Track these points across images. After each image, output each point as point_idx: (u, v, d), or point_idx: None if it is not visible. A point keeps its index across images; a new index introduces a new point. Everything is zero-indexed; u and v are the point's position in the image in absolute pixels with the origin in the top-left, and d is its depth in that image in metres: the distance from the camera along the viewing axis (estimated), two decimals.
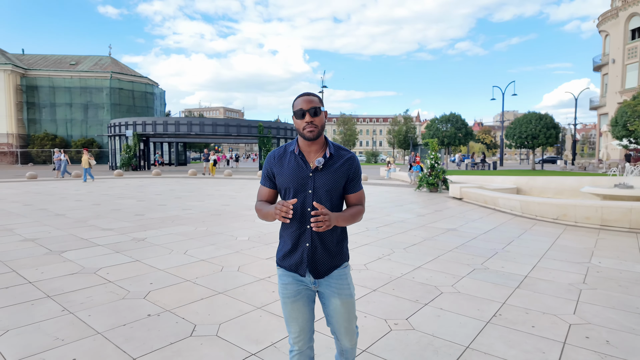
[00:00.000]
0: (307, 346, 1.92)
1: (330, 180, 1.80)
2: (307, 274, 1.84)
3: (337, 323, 1.91)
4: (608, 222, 7.81)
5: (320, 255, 1.82)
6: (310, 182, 1.79)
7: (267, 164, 1.89)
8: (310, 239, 1.81)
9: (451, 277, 4.56)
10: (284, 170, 1.82)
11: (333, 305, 1.87)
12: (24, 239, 6.13)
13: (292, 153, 1.84)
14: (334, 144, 1.86)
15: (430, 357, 2.76)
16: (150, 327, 3.15)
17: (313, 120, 1.74)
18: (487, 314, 3.50)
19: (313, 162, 1.80)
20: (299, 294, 1.86)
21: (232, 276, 4.46)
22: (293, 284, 1.86)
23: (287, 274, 1.87)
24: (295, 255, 1.84)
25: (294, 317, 1.87)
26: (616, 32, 36.87)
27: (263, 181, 1.91)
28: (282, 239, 1.90)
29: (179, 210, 9.31)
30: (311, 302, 1.91)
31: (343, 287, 1.87)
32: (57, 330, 3.05)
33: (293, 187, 1.80)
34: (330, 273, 1.86)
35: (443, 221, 8.30)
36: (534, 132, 33.69)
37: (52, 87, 42.67)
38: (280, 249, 1.90)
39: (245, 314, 3.43)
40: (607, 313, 3.56)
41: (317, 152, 1.82)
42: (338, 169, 1.81)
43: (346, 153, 1.86)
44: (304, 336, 1.89)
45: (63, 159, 20.12)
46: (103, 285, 4.08)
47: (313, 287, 1.88)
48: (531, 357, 2.77)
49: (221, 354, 2.74)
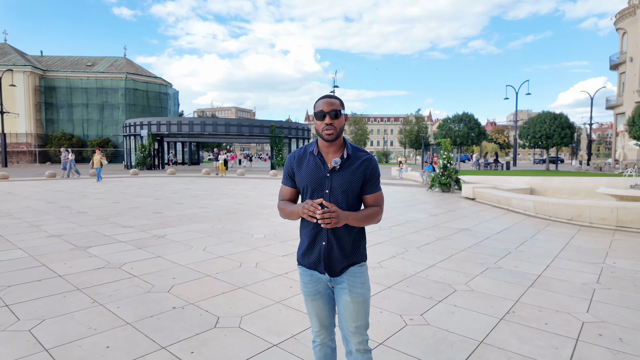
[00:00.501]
0: (329, 339, 2.01)
1: (347, 180, 1.83)
2: (325, 273, 1.89)
3: (345, 321, 1.89)
4: (624, 223, 7.76)
5: (336, 254, 1.85)
6: (327, 182, 1.83)
7: (287, 164, 1.96)
8: (326, 238, 1.85)
9: (465, 275, 4.63)
10: (302, 170, 1.88)
11: (343, 302, 1.88)
12: (50, 235, 6.39)
13: (311, 154, 1.89)
14: (352, 145, 1.91)
15: (445, 350, 2.86)
16: (176, 318, 3.31)
17: (332, 123, 1.80)
18: (500, 311, 3.58)
19: (331, 163, 1.84)
20: (318, 293, 1.92)
21: (250, 272, 4.61)
22: (312, 283, 1.92)
23: (306, 273, 1.93)
24: (313, 254, 1.89)
25: (314, 313, 1.95)
26: (634, 30, 36.12)
27: (284, 181, 1.98)
28: (301, 237, 1.96)
29: (196, 209, 9.53)
30: (331, 299, 1.96)
31: (356, 285, 1.87)
32: (89, 320, 3.23)
33: (310, 187, 1.85)
34: (346, 270, 1.89)
35: (456, 221, 8.34)
36: (548, 132, 33.21)
37: (70, 88, 43.64)
38: (300, 247, 1.97)
39: (265, 308, 3.57)
40: (621, 312, 3.61)
41: (335, 153, 1.87)
42: (355, 169, 1.84)
43: (364, 154, 1.89)
44: (325, 331, 1.98)
45: (70, 158, 19.94)
46: (128, 280, 4.27)
47: (329, 284, 1.92)
48: (544, 352, 2.84)
49: (245, 344, 2.88)
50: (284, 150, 32.48)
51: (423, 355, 2.77)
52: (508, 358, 2.76)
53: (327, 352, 2.03)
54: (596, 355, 2.81)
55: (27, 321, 3.20)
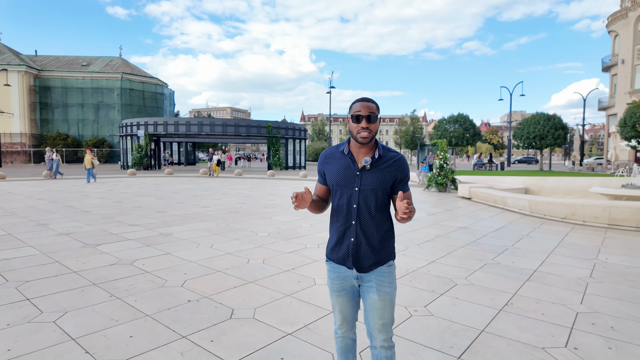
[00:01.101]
0: (351, 332, 2.08)
1: (376, 179, 1.87)
2: (353, 268, 1.93)
3: (371, 318, 1.93)
4: (616, 221, 8.01)
5: (364, 250, 1.89)
6: (357, 180, 1.87)
7: (320, 163, 2.03)
8: (355, 234, 1.89)
9: (464, 270, 4.83)
10: (333, 168, 1.94)
11: (370, 300, 1.91)
12: (58, 234, 6.51)
13: (342, 152, 1.94)
14: (383, 146, 1.94)
15: (449, 338, 3.04)
16: (193, 310, 3.47)
17: (369, 127, 1.82)
18: (500, 303, 3.78)
19: (361, 162, 1.89)
20: (344, 290, 1.97)
21: (259, 268, 4.77)
22: (339, 280, 1.96)
23: (334, 269, 1.98)
24: (342, 249, 1.93)
25: (338, 308, 2.01)
26: (626, 33, 36.71)
27: (318, 178, 2.06)
28: (331, 232, 2.01)
29: (198, 208, 9.66)
30: (356, 296, 2.00)
31: (384, 284, 1.90)
32: (110, 313, 3.39)
33: (340, 184, 1.90)
34: (374, 269, 1.91)
35: (454, 219, 8.56)
36: (542, 133, 33.66)
37: (65, 88, 43.46)
38: (329, 243, 2.01)
39: (277, 300, 3.74)
40: (612, 303, 3.82)
41: (366, 153, 1.90)
42: (385, 169, 1.88)
43: (395, 154, 1.92)
44: (347, 325, 2.05)
45: (55, 158, 19.04)
46: (142, 275, 4.42)
47: (356, 281, 1.94)
48: (542, 339, 3.04)
49: (261, 334, 3.05)
50: (280, 150, 32.61)
51: (429, 343, 2.96)
52: (508, 344, 2.95)
53: (348, 344, 2.10)
54: (589, 342, 3.02)
55: (51, 313, 3.35)
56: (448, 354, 2.81)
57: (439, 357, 2.76)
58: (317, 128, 75.82)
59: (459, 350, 2.85)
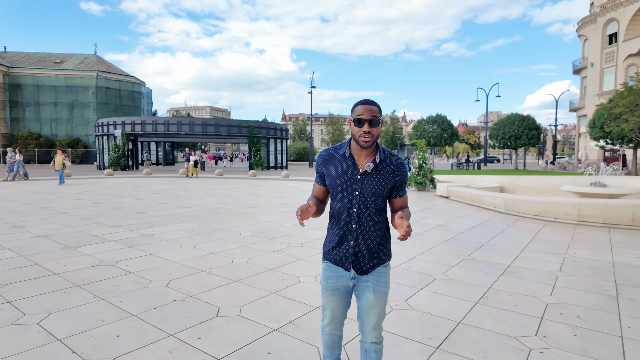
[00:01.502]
0: (338, 329, 2.11)
1: (377, 183, 1.88)
2: (351, 269, 1.95)
3: (366, 316, 1.98)
4: (585, 217, 8.42)
5: (363, 253, 1.92)
6: (358, 184, 1.88)
7: (318, 163, 2.01)
8: (355, 237, 1.91)
9: (443, 266, 5.02)
10: (333, 170, 1.92)
11: (366, 299, 1.95)
12: (36, 236, 6.38)
13: (342, 155, 1.92)
14: (384, 149, 1.94)
15: (429, 329, 3.20)
16: (179, 309, 3.51)
17: (371, 131, 1.80)
18: (476, 297, 3.97)
19: (362, 166, 1.88)
20: (337, 290, 1.99)
21: (243, 267, 4.83)
22: (333, 279, 1.98)
23: (331, 268, 2.00)
24: (341, 251, 1.95)
25: (329, 307, 2.03)
26: (595, 37, 38.26)
27: (317, 178, 2.04)
28: (329, 233, 2.02)
29: (180, 209, 9.60)
30: (348, 296, 2.04)
31: (380, 284, 1.95)
32: (96, 313, 3.39)
33: (340, 187, 1.90)
34: (373, 270, 1.95)
35: (433, 218, 8.80)
36: (516, 133, 34.74)
37: (37, 86, 42.03)
38: (327, 243, 2.03)
39: (262, 298, 3.81)
40: (580, 295, 4.07)
41: (367, 156, 1.89)
42: (386, 173, 1.89)
43: (396, 159, 1.92)
44: (335, 323, 2.07)
45: (18, 159, 18.04)
46: (125, 276, 4.41)
47: (353, 281, 1.97)
48: (515, 329, 3.23)
49: (247, 330, 3.13)
50: (262, 150, 32.51)
51: (410, 335, 3.10)
52: (484, 334, 3.13)
53: (334, 340, 2.13)
54: (558, 330, 3.22)
55: (34, 315, 3.33)
56: (427, 344, 2.95)
57: (419, 348, 2.90)
58: (299, 128, 75.83)
59: (437, 341, 3.00)
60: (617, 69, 34.97)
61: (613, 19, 35.57)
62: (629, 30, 33.63)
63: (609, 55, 36.43)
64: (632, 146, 22.72)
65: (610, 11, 35.67)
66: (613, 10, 35.37)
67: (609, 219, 8.18)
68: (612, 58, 36.07)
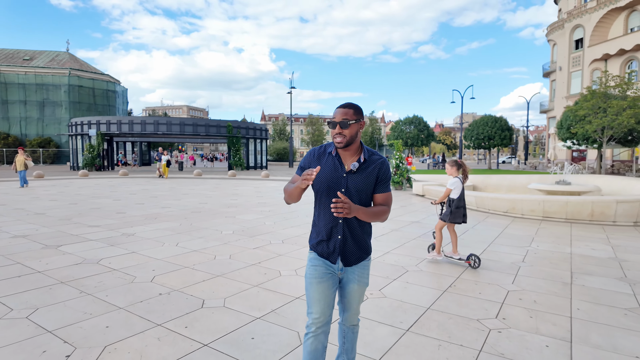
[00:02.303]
0: (322, 330, 2.07)
1: (361, 181, 2.00)
2: (338, 262, 2.07)
3: (348, 303, 2.15)
4: (549, 213, 8.96)
5: (350, 246, 2.05)
6: (344, 182, 2.00)
7: (306, 158, 2.11)
8: (342, 231, 2.03)
9: (415, 259, 5.34)
10: (321, 168, 2.00)
11: (350, 289, 2.12)
12: (14, 236, 6.34)
13: (330, 154, 2.05)
14: (368, 149, 2.07)
15: (400, 315, 3.48)
16: (165, 302, 3.67)
17: (342, 132, 1.95)
18: (444, 286, 4.29)
19: (348, 165, 2.01)
20: (326, 276, 2.06)
21: (226, 263, 5.01)
22: (322, 267, 2.07)
23: (318, 258, 2.09)
24: (329, 245, 2.05)
25: (317, 298, 2.05)
26: (562, 42, 39.94)
27: (298, 171, 2.09)
28: (316, 227, 2.12)
29: (159, 209, 9.62)
30: (335, 285, 2.11)
31: (364, 276, 2.14)
32: (83, 307, 3.51)
33: (326, 185, 2.01)
34: (358, 263, 2.11)
35: (407, 215, 9.17)
36: (489, 134, 35.92)
37: (4, 83, 40.53)
38: (315, 237, 2.12)
39: (245, 291, 4.01)
40: (537, 282, 4.45)
41: (352, 155, 2.03)
42: (370, 172, 2.02)
43: (379, 158, 2.06)
44: (324, 318, 2.06)
45: None
46: (110, 273, 4.52)
47: (339, 273, 2.10)
48: (477, 313, 3.55)
49: (231, 319, 3.32)
50: (241, 150, 32.43)
51: (382, 320, 3.37)
52: (449, 318, 3.43)
53: (317, 347, 2.08)
54: (515, 313, 3.56)
55: (22, 310, 3.42)
56: (398, 327, 3.23)
57: (390, 330, 3.18)
58: (279, 128, 75.78)
59: (407, 325, 3.29)
60: (584, 73, 36.64)
61: (579, 25, 37.26)
62: (594, 37, 35.30)
63: (576, 59, 38.13)
64: (596, 146, 23.93)
65: (577, 18, 37.33)
66: (579, 17, 37.04)
67: (571, 215, 8.74)
68: (578, 62, 37.77)
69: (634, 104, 20.58)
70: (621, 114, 20.46)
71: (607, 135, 21.97)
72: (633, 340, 3.09)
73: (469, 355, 2.80)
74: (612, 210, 8.46)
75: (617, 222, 8.46)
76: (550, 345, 2.98)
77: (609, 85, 22.57)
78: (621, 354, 2.87)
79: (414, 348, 2.90)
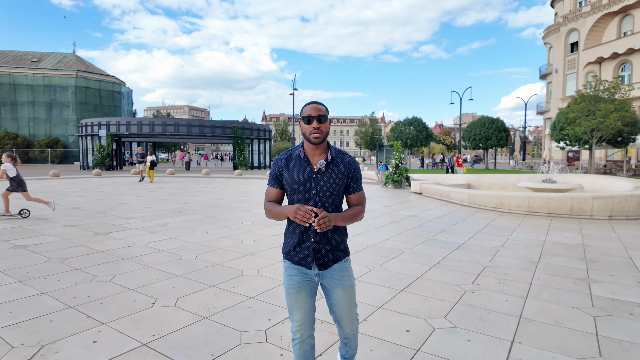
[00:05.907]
0: (308, 334, 2.08)
1: (331, 181, 1.97)
2: (313, 267, 2.03)
3: (339, 311, 2.09)
4: (533, 209, 9.94)
5: (324, 249, 2.01)
6: (314, 182, 1.97)
7: (274, 166, 2.06)
8: (314, 235, 1.99)
9: (410, 244, 6.33)
10: (289, 172, 2.00)
11: (335, 295, 2.06)
12: (65, 225, 7.33)
13: (297, 156, 2.02)
14: (335, 148, 2.06)
15: (396, 281, 4.47)
16: (212, 272, 4.65)
17: (319, 127, 1.92)
18: (433, 262, 5.27)
19: (316, 165, 1.98)
20: (302, 285, 2.03)
21: (252, 246, 5.99)
22: (298, 276, 2.03)
23: (292, 267, 2.05)
24: (302, 250, 2.02)
25: (297, 306, 2.03)
26: (558, 45, 40.95)
27: (271, 182, 2.06)
28: (288, 235, 2.08)
29: (180, 204, 10.61)
30: (313, 294, 2.08)
31: (344, 279, 2.07)
32: (149, 275, 4.50)
33: (298, 187, 1.98)
34: (333, 265, 2.05)
35: (405, 210, 10.15)
36: (486, 135, 36.93)
37: (13, 85, 41.56)
38: (287, 244, 2.08)
39: (272, 265, 5.00)
40: (510, 260, 5.43)
41: (320, 155, 2.00)
42: (341, 172, 2.00)
43: (346, 157, 2.04)
44: (306, 325, 2.06)
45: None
46: (159, 252, 5.51)
47: (317, 279, 2.06)
48: (457, 280, 4.53)
49: (266, 282, 4.31)
50: (246, 150, 33.43)
51: (382, 283, 4.36)
52: (434, 283, 4.42)
53: (306, 350, 2.10)
54: (487, 281, 4.55)
55: (103, 276, 4.41)
56: (394, 288, 4.22)
57: (388, 290, 4.16)
58: (280, 128, 76.84)
59: (402, 287, 4.27)
60: (578, 76, 37.66)
61: (574, 29, 38.26)
62: (588, 40, 36.31)
63: (571, 62, 39.14)
64: (587, 147, 24.92)
65: (572, 21, 38.34)
66: (574, 20, 38.05)
67: (552, 210, 9.72)
68: (573, 65, 38.79)
69: (621, 107, 21.58)
70: (609, 117, 21.46)
71: (596, 137, 22.97)
72: (574, 297, 4.07)
73: (447, 306, 3.78)
74: (589, 206, 9.44)
75: (593, 216, 9.44)
76: (509, 300, 3.97)
77: (597, 90, 23.56)
78: (562, 305, 3.85)
79: (406, 300, 3.89)
